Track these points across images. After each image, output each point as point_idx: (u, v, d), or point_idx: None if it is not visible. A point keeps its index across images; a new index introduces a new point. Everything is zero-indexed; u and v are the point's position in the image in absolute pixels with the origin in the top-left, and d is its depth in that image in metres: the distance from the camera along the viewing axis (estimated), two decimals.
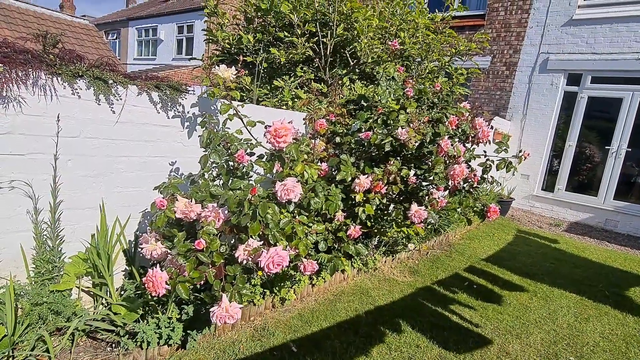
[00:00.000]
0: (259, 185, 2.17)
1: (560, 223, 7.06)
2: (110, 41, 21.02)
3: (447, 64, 4.97)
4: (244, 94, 4.18)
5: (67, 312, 2.27)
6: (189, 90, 2.84)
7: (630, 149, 6.72)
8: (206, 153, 2.40)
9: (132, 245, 2.81)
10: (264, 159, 2.44)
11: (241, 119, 2.76)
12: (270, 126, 2.22)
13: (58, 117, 2.21)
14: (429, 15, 5.20)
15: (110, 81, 2.38)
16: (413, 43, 4.51)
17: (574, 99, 7.20)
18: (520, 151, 3.14)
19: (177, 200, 2.18)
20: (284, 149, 2.21)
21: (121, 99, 2.49)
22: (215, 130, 2.79)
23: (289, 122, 2.17)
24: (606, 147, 6.95)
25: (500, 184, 7.47)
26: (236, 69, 2.68)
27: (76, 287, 2.49)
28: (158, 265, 2.09)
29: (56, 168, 2.28)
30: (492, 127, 3.50)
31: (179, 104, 2.81)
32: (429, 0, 8.62)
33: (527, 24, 7.50)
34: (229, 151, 2.42)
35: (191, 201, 2.18)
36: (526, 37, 7.53)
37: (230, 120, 2.80)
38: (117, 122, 2.50)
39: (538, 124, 7.55)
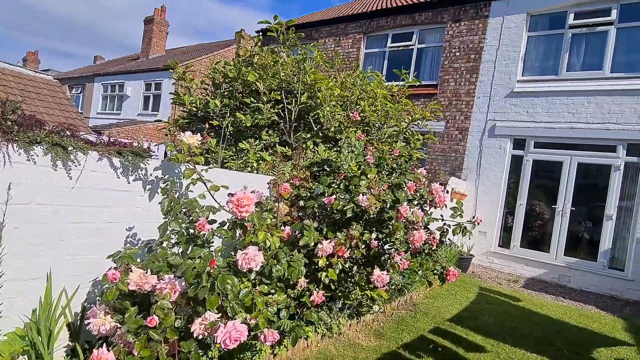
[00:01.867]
0: (219, 254, 2.13)
1: (518, 279, 7.28)
2: (74, 95, 20.83)
3: (404, 129, 5.32)
4: (209, 156, 4.22)
5: None
6: (152, 155, 2.85)
7: (574, 208, 7.26)
8: (166, 220, 2.36)
9: (79, 318, 2.61)
10: (225, 226, 2.42)
11: (205, 184, 2.78)
12: (233, 194, 2.24)
13: (9, 185, 2.13)
14: (387, 83, 5.66)
15: (70, 147, 2.35)
16: (373, 111, 4.84)
17: (520, 162, 7.82)
18: (473, 216, 3.32)
19: (131, 271, 2.09)
20: (247, 217, 2.22)
21: (80, 165, 2.45)
22: (178, 194, 2.77)
23: (251, 192, 2.21)
24: (553, 206, 7.47)
25: (458, 246, 7.70)
26: (201, 135, 2.75)
27: None
28: (105, 342, 1.95)
29: (0, 237, 2.15)
30: (447, 192, 3.71)
31: (141, 168, 2.79)
32: (387, 72, 9.41)
33: (475, 94, 8.28)
34: (190, 218, 2.39)
35: (147, 272, 2.09)
36: (475, 105, 8.28)
37: (194, 184, 2.80)
38: (73, 187, 2.43)
39: (491, 184, 8.05)
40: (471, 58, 8.35)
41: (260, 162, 4.16)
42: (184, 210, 2.48)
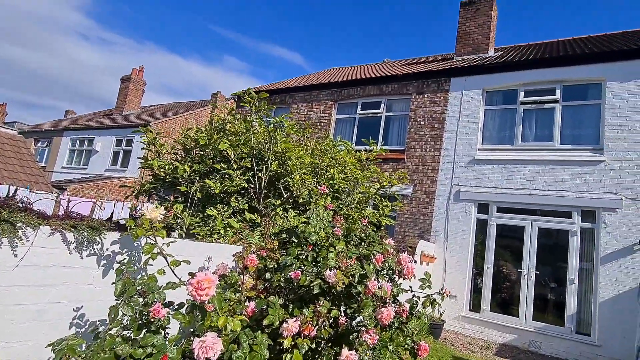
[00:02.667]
0: (173, 344, 1.97)
1: (490, 345, 7.15)
2: (40, 148, 20.22)
3: (373, 195, 5.42)
4: (174, 222, 4.08)
5: None
6: (112, 228, 2.71)
7: (538, 272, 7.41)
8: (118, 303, 2.19)
9: None
10: (184, 309, 2.28)
11: (165, 259, 2.64)
12: (194, 275, 2.13)
13: None
14: (357, 147, 5.85)
15: (20, 223, 2.21)
16: (342, 178, 4.94)
17: (485, 225, 8.06)
18: (442, 288, 3.31)
19: None
20: (207, 300, 2.10)
21: (28, 241, 2.29)
22: (136, 268, 2.62)
23: (212, 273, 2.11)
24: (518, 270, 7.61)
25: (428, 315, 7.54)
26: (165, 208, 2.67)
27: None
28: None
29: None
30: (415, 262, 3.71)
31: (97, 242, 2.64)
32: (357, 137, 9.80)
33: (440, 160, 8.69)
34: (145, 300, 2.23)
35: None
36: (440, 170, 8.65)
37: (153, 259, 2.66)
38: (16, 266, 2.25)
39: (459, 246, 8.18)
40: (435, 127, 8.89)
41: (228, 229, 4.06)
42: (139, 289, 2.32)
